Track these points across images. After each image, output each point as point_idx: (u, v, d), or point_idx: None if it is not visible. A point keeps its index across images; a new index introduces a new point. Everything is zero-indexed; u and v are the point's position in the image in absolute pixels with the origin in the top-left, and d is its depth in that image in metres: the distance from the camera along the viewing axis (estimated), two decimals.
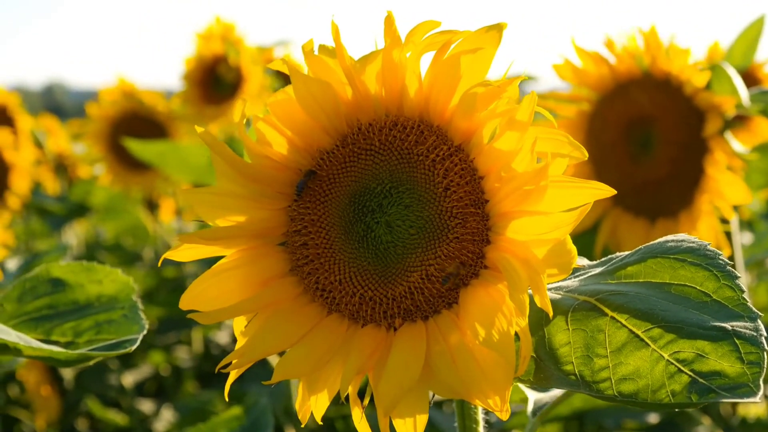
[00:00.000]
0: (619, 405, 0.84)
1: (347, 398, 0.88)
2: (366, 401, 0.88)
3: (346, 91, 0.92)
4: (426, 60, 0.90)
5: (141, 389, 3.55)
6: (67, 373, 3.08)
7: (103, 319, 1.14)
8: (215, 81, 3.19)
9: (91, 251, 4.24)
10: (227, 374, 0.92)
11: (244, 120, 0.92)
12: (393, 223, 0.90)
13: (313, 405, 0.89)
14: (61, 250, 2.27)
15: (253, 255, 0.93)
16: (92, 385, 3.09)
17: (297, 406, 0.89)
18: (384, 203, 0.91)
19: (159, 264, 0.93)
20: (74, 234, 4.57)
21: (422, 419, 0.85)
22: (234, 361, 0.89)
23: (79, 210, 4.13)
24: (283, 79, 3.70)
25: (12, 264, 2.43)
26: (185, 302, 0.91)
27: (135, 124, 3.98)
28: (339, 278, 0.92)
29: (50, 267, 1.19)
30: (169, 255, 0.91)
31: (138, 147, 3.08)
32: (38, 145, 4.51)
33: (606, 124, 2.01)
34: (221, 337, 3.72)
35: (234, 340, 3.73)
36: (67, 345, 1.13)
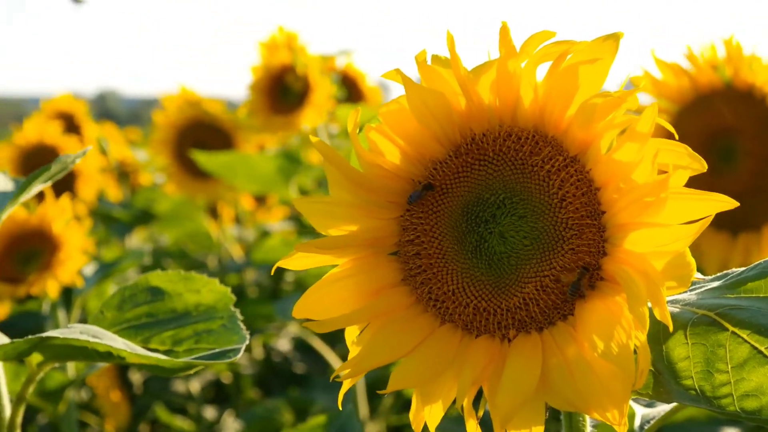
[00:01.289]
0: (743, 420, 0.82)
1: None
2: (480, 413, 0.87)
3: (460, 101, 0.91)
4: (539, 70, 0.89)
5: (202, 395, 3.58)
6: (136, 379, 3.11)
7: (202, 328, 1.15)
8: (282, 90, 3.20)
9: (156, 258, 4.29)
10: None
11: (357, 129, 0.92)
12: (507, 234, 0.90)
13: (427, 415, 0.89)
14: (137, 257, 2.30)
15: (365, 264, 0.93)
16: (160, 391, 3.12)
17: (411, 416, 0.89)
18: (497, 214, 0.91)
19: (272, 272, 0.94)
20: (137, 241, 4.63)
21: (538, 431, 0.84)
22: (347, 371, 0.89)
23: (144, 217, 4.18)
24: (347, 88, 3.71)
25: (88, 270, 2.48)
26: (299, 311, 0.91)
27: (199, 132, 4.01)
28: (452, 288, 0.91)
29: (149, 276, 1.21)
30: (283, 263, 0.92)
31: (205, 159, 3.11)
32: (102, 152, 4.58)
33: (685, 137, 1.98)
34: (282, 344, 3.73)
35: (294, 347, 3.75)
36: (166, 353, 1.14)
